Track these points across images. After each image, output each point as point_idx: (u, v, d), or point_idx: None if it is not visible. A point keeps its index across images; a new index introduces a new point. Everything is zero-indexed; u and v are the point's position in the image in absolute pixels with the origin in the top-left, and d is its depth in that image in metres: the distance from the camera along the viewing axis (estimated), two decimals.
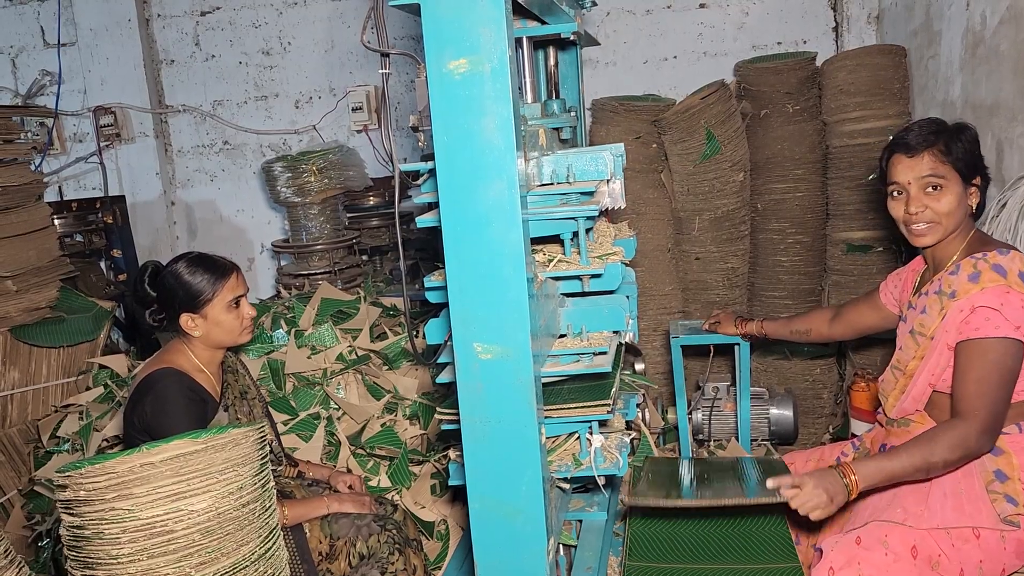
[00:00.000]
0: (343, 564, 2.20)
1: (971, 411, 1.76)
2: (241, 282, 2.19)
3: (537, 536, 1.57)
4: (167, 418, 1.98)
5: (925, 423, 1.96)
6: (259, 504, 1.43)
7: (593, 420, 1.73)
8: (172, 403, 2.00)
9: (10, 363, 3.12)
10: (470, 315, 1.50)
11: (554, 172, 1.73)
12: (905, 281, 2.15)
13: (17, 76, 4.79)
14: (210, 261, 2.16)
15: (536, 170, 1.72)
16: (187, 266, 2.13)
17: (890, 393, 2.02)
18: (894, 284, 2.21)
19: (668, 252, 3.70)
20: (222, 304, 2.12)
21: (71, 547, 1.35)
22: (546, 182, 1.74)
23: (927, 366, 1.89)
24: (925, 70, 3.39)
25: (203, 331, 2.12)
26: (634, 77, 4.34)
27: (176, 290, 2.10)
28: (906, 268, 2.18)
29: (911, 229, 1.94)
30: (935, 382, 1.90)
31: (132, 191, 4.74)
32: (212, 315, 2.11)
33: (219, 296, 2.11)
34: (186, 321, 2.11)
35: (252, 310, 2.20)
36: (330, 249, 3.94)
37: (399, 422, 2.87)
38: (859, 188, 3.53)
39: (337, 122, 4.65)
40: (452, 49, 1.40)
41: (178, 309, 2.11)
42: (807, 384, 3.50)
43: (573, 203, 1.70)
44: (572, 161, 1.74)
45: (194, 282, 2.11)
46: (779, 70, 3.58)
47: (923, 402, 1.94)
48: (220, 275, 2.13)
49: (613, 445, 1.83)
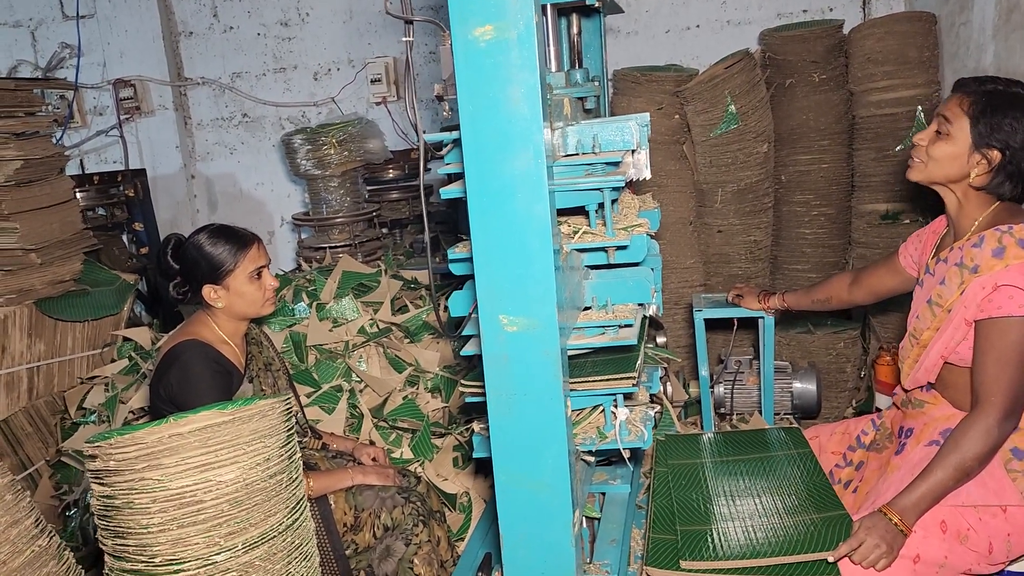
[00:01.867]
0: (368, 535, 2.22)
1: (989, 397, 1.74)
2: (263, 253, 2.18)
3: (563, 509, 1.57)
4: (193, 389, 1.99)
5: (939, 403, 1.94)
6: (286, 475, 1.44)
7: (618, 393, 1.72)
8: (197, 374, 2.01)
9: (36, 335, 3.15)
10: (496, 287, 1.48)
11: (579, 142, 1.71)
12: (925, 243, 2.10)
13: (37, 49, 4.79)
14: (232, 232, 2.15)
15: (561, 140, 1.69)
16: (209, 237, 2.13)
17: (906, 361, 2.00)
18: (914, 246, 2.16)
19: (690, 225, 3.67)
20: (244, 275, 2.12)
21: (101, 516, 1.36)
22: (571, 152, 1.72)
23: (941, 338, 1.86)
24: (956, 37, 3.31)
25: (226, 302, 2.13)
26: (656, 46, 4.28)
27: (198, 261, 2.11)
28: (927, 229, 2.13)
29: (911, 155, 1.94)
30: (947, 355, 1.87)
31: (152, 164, 4.75)
32: (234, 286, 2.12)
33: (241, 267, 2.11)
34: (209, 292, 2.11)
35: (274, 281, 2.20)
36: (350, 222, 3.94)
37: (421, 395, 2.88)
38: (886, 159, 3.47)
39: (356, 94, 4.62)
40: (478, 15, 1.37)
41: (201, 280, 2.12)
42: (830, 358, 3.47)
43: (599, 174, 1.67)
44: (598, 131, 1.71)
45: (216, 253, 2.11)
46: (805, 38, 3.52)
47: (935, 373, 1.92)
48: (242, 246, 2.13)
49: (638, 418, 1.81)
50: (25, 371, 3.11)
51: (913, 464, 1.89)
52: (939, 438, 1.88)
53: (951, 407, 1.91)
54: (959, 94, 1.85)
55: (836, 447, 2.23)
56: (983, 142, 1.80)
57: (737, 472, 2.17)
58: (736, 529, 1.88)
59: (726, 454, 2.29)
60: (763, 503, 1.98)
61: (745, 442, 2.36)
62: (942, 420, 1.90)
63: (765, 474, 2.13)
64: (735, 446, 2.34)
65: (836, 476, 2.21)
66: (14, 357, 3.06)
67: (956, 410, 1.90)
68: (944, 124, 1.84)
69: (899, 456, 1.98)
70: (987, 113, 1.79)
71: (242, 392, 2.14)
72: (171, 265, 2.15)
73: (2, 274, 3.09)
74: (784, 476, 2.09)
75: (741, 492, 2.06)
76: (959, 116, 1.82)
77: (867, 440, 2.17)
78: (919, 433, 1.94)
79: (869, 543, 1.69)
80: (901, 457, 1.97)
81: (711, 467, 2.22)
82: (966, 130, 1.81)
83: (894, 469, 1.96)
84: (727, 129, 3.42)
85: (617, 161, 1.70)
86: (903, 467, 1.93)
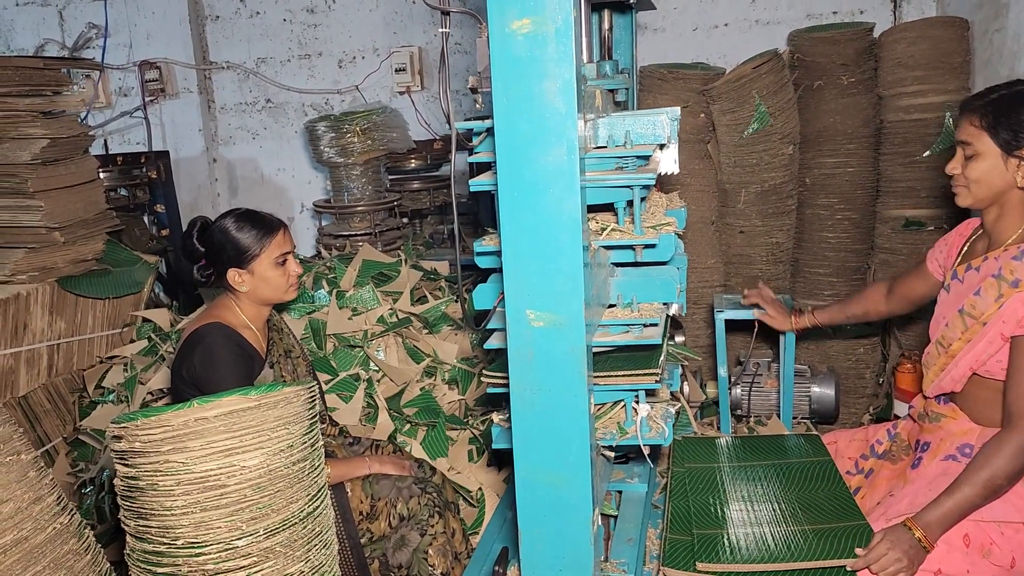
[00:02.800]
0: (383, 524, 2.22)
1: (1022, 416, 1.72)
2: (288, 239, 2.19)
3: (583, 506, 1.57)
4: (215, 372, 2.00)
5: (957, 418, 1.92)
6: (308, 463, 1.44)
7: (640, 389, 1.71)
8: (220, 357, 2.02)
9: (56, 313, 3.17)
10: (524, 282, 1.48)
11: (610, 136, 1.70)
12: (951, 246, 2.08)
13: (64, 28, 4.81)
14: (258, 217, 2.16)
15: (592, 132, 1.69)
16: (235, 221, 2.13)
17: (931, 368, 1.97)
18: (940, 250, 2.14)
19: (712, 224, 3.65)
20: (269, 260, 2.12)
21: (124, 497, 1.37)
22: (601, 144, 1.71)
23: (973, 350, 1.83)
24: (989, 44, 3.27)
25: (250, 287, 2.13)
26: (683, 44, 4.25)
27: (224, 245, 2.11)
28: (953, 232, 2.11)
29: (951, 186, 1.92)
30: (977, 367, 1.84)
31: (175, 147, 4.77)
32: (259, 271, 2.12)
33: (266, 252, 2.12)
34: (233, 276, 2.12)
35: (299, 267, 2.21)
36: (371, 211, 3.94)
37: (438, 386, 2.88)
38: (913, 165, 3.44)
39: (380, 83, 4.62)
40: (516, 8, 1.36)
41: (226, 264, 2.12)
42: (850, 363, 3.44)
43: (630, 168, 1.66)
44: (629, 124, 1.70)
45: (242, 238, 2.11)
46: (835, 40, 3.48)
47: (961, 384, 1.90)
48: (268, 231, 2.13)
49: (658, 415, 1.81)
50: (45, 348, 3.13)
51: (929, 479, 1.88)
52: (955, 452, 1.86)
53: (969, 421, 1.89)
54: (966, 115, 1.84)
55: (854, 453, 2.22)
56: (1012, 146, 1.79)
57: (755, 477, 2.16)
58: (752, 535, 1.87)
59: (744, 459, 2.28)
60: (781, 509, 1.97)
61: (764, 447, 2.35)
62: (959, 435, 1.88)
63: (783, 481, 2.12)
64: (753, 451, 2.33)
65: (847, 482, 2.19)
66: (35, 334, 3.08)
67: (974, 424, 1.88)
68: (967, 147, 1.83)
69: (915, 470, 1.96)
70: (1001, 119, 1.78)
71: (263, 378, 2.15)
72: (196, 247, 2.16)
73: (25, 252, 3.10)
74: (803, 484, 2.08)
75: (758, 498, 2.05)
76: (977, 134, 1.81)
77: (880, 449, 2.15)
78: (936, 447, 1.92)
79: (891, 555, 1.68)
80: (917, 471, 1.95)
81: (728, 471, 2.21)
82: (989, 143, 1.80)
83: (908, 482, 1.94)
84: (759, 128, 3.39)
85: (648, 155, 1.69)
86: (918, 480, 1.91)
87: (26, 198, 3.09)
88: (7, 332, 2.96)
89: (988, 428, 1.85)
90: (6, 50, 4.86)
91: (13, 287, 3.02)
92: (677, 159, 1.85)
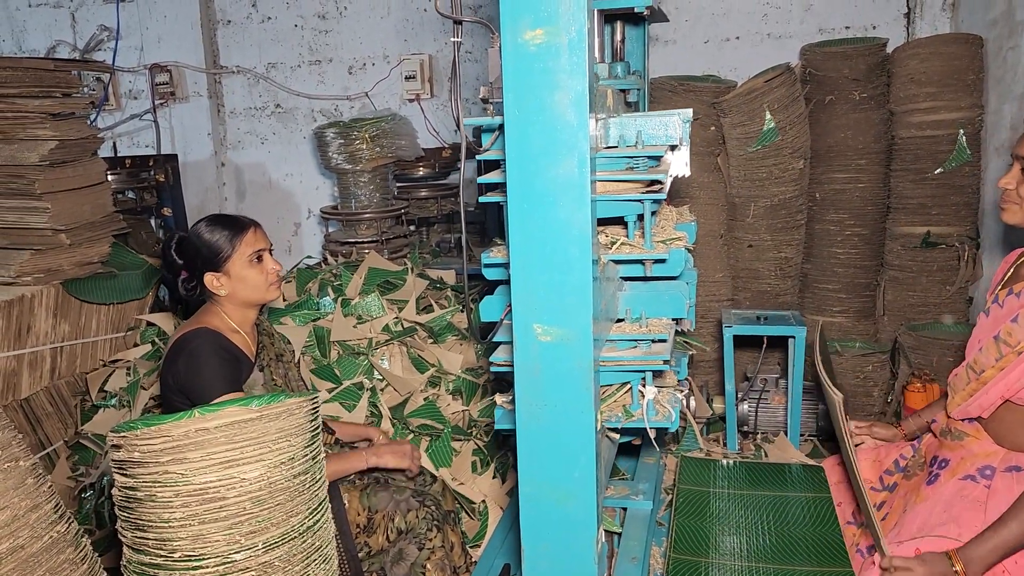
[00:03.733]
0: (380, 538, 2.19)
1: None
2: (261, 237, 2.17)
3: (587, 523, 1.54)
4: (200, 377, 1.99)
5: (980, 438, 1.89)
6: (309, 476, 1.41)
7: (647, 370, 1.69)
8: (205, 362, 2.00)
9: (61, 316, 3.15)
10: (532, 296, 1.45)
11: (621, 136, 1.68)
12: (996, 273, 2.04)
13: (76, 30, 4.81)
14: (228, 219, 2.17)
15: (603, 131, 1.66)
16: (206, 226, 2.14)
17: (959, 391, 1.93)
18: None
19: (720, 238, 3.62)
20: (242, 259, 2.11)
21: (122, 508, 1.34)
22: (612, 144, 1.69)
23: (1007, 378, 1.79)
24: (1003, 62, 3.25)
25: (229, 289, 2.12)
26: (694, 56, 4.23)
27: (199, 250, 2.12)
28: (1001, 263, 2.07)
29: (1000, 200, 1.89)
30: (1010, 395, 1.80)
31: (184, 150, 4.77)
32: (235, 271, 2.11)
33: (238, 251, 2.11)
34: (211, 280, 2.11)
35: (276, 264, 2.18)
36: (378, 218, 3.92)
37: (442, 396, 2.86)
38: (924, 181, 3.42)
39: (389, 90, 4.61)
40: (529, 18, 1.34)
41: (202, 269, 2.12)
42: (858, 380, 3.41)
43: (641, 168, 1.64)
44: (641, 125, 1.68)
45: (213, 240, 2.11)
46: (847, 55, 3.46)
47: (990, 411, 1.86)
48: (238, 231, 2.13)
49: (665, 399, 1.78)
50: (48, 351, 3.12)
51: (945, 499, 1.84)
52: (975, 473, 1.83)
53: (992, 443, 1.86)
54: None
55: (866, 473, 2.18)
56: None
57: (751, 505, 2.14)
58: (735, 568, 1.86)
59: (744, 486, 2.26)
60: (770, 544, 1.96)
61: (765, 476, 2.33)
62: (981, 456, 1.85)
63: (779, 514, 2.10)
64: (755, 479, 2.30)
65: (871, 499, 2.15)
66: (38, 337, 3.07)
67: (998, 447, 1.84)
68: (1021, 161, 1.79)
69: (930, 487, 1.93)
70: None
71: (252, 381, 2.12)
72: (175, 260, 2.16)
73: (31, 253, 3.09)
74: (797, 520, 2.06)
75: (750, 528, 2.03)
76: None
77: (904, 464, 2.12)
78: (955, 466, 1.89)
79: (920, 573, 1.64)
80: (932, 488, 1.91)
81: (726, 497, 2.19)
82: None
83: (922, 500, 1.91)
84: (767, 143, 3.37)
85: (659, 155, 1.67)
86: (932, 498, 1.88)
87: (33, 199, 3.08)
88: (10, 334, 2.95)
89: (1012, 452, 1.81)
90: (18, 51, 4.87)
91: (18, 288, 3.01)
92: (688, 162, 1.83)
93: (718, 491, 2.22)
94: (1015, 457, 1.79)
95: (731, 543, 1.97)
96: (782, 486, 2.24)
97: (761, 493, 2.20)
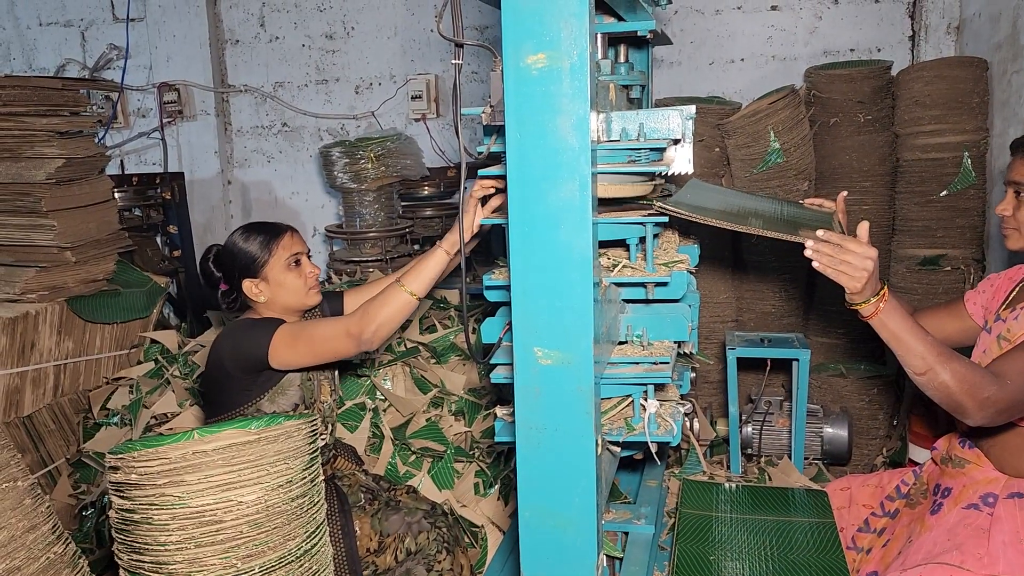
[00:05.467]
0: (389, 558, 2.17)
1: (1004, 379, 1.64)
2: (297, 241, 2.17)
3: (587, 548, 1.52)
4: (250, 332, 2.02)
5: (982, 465, 1.87)
6: (307, 499, 1.41)
7: (649, 383, 1.68)
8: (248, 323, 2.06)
9: (65, 333, 3.16)
10: (532, 318, 1.45)
11: (624, 129, 1.69)
12: (998, 288, 2.02)
13: (86, 49, 4.86)
14: (263, 225, 2.17)
15: (605, 126, 1.67)
16: (242, 234, 2.15)
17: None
18: (984, 290, 2.07)
19: (724, 260, 3.61)
20: (280, 264, 2.10)
21: (119, 530, 1.34)
22: (614, 138, 1.70)
23: None
24: (1008, 85, 3.25)
25: (268, 295, 2.11)
26: (699, 78, 4.25)
27: (236, 258, 2.11)
28: (1002, 275, 2.05)
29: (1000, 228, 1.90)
30: None
31: (190, 168, 4.79)
32: (273, 276, 2.10)
33: (275, 256, 2.10)
34: (250, 288, 2.11)
35: (315, 268, 2.17)
36: (383, 237, 3.93)
37: (444, 417, 2.85)
38: (929, 204, 3.40)
39: (395, 110, 4.63)
40: (531, 43, 1.35)
41: (240, 277, 2.11)
42: (863, 404, 3.38)
43: (643, 161, 1.64)
44: (643, 119, 1.69)
45: (249, 247, 2.11)
46: (852, 78, 3.47)
47: None
48: (273, 235, 2.13)
49: (667, 413, 1.77)
50: (52, 368, 3.12)
51: (949, 526, 1.82)
52: (978, 501, 1.81)
53: (994, 470, 1.84)
54: (1019, 155, 1.81)
55: (868, 500, 2.16)
56: None
57: (754, 530, 2.12)
58: None
59: (747, 510, 2.24)
60: (772, 570, 1.94)
61: (768, 500, 2.31)
62: (983, 483, 1.83)
63: (782, 539, 2.08)
64: (757, 503, 2.29)
65: (872, 525, 2.13)
66: (42, 354, 3.07)
67: (999, 473, 1.83)
68: (1020, 187, 1.80)
69: (934, 516, 1.91)
70: None
71: (288, 381, 2.11)
72: (213, 272, 2.16)
73: (36, 271, 3.10)
74: (800, 545, 2.04)
75: (752, 554, 2.02)
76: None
77: (906, 490, 2.10)
78: (958, 494, 1.87)
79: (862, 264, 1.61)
80: (936, 518, 1.90)
81: (728, 521, 2.18)
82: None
83: (927, 530, 1.89)
84: (771, 164, 3.37)
85: (661, 147, 1.68)
86: (936, 528, 1.86)
87: (39, 217, 3.10)
88: (14, 351, 2.96)
89: (1014, 478, 1.80)
90: (28, 69, 4.91)
91: (22, 306, 3.02)
92: (691, 159, 1.84)
93: (721, 515, 2.20)
94: (1016, 484, 1.77)
95: (733, 568, 1.96)
96: (785, 511, 2.22)
97: (764, 518, 2.19)
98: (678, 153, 1.84)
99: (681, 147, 1.81)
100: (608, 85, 1.74)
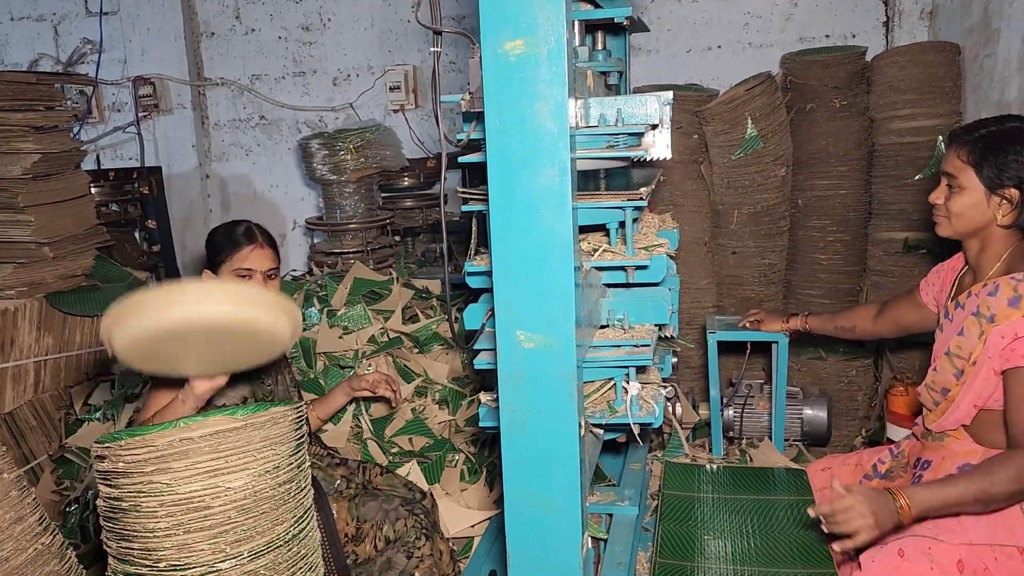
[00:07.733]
0: (368, 547, 2.19)
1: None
2: (259, 258, 2.12)
3: (572, 530, 1.55)
4: None
5: (962, 439, 1.92)
6: (295, 484, 1.42)
7: (631, 366, 1.70)
8: None
9: (45, 329, 3.14)
10: (514, 303, 1.46)
11: (602, 115, 1.71)
12: (944, 279, 2.10)
13: (59, 44, 4.81)
14: (242, 227, 2.16)
15: (583, 111, 1.69)
16: (224, 225, 2.18)
17: (931, 411, 1.97)
18: (933, 282, 2.16)
19: (704, 245, 3.65)
20: (229, 270, 2.11)
21: (107, 519, 1.34)
22: (592, 124, 1.71)
23: (971, 391, 1.83)
24: (980, 69, 3.30)
25: None
26: (676, 66, 4.27)
27: (209, 244, 2.15)
28: (946, 265, 2.13)
29: (932, 215, 1.95)
30: (981, 404, 1.84)
31: (168, 162, 4.76)
32: (224, 278, 2.11)
33: (229, 261, 2.11)
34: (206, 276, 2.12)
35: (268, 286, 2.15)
36: (363, 228, 3.93)
37: (428, 407, 2.86)
38: (905, 188, 3.45)
39: (374, 101, 4.63)
40: (509, 29, 1.36)
41: (206, 265, 2.14)
42: (842, 385, 3.44)
43: (621, 147, 1.66)
44: (621, 104, 1.71)
45: (217, 240, 2.14)
46: (827, 64, 3.50)
47: (967, 421, 1.89)
48: (244, 241, 2.12)
49: (649, 395, 1.80)
50: (32, 364, 3.10)
51: None
52: (956, 472, 1.85)
53: (972, 442, 1.89)
54: (954, 147, 1.86)
55: (849, 478, 2.20)
56: (996, 184, 1.81)
57: (735, 510, 2.16)
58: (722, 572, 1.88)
59: (729, 490, 2.28)
60: (754, 547, 1.98)
61: (749, 481, 2.35)
62: (962, 455, 1.87)
63: (763, 518, 2.12)
64: (739, 483, 2.32)
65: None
66: (22, 350, 3.05)
67: (978, 445, 1.87)
68: (951, 179, 1.84)
69: None
70: (988, 156, 1.80)
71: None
72: None
73: (14, 267, 3.08)
74: (781, 523, 2.08)
75: (735, 532, 2.05)
76: (962, 168, 1.83)
77: (883, 469, 2.14)
78: (937, 466, 1.91)
79: (859, 508, 1.60)
80: None
81: (711, 501, 2.21)
82: (974, 179, 1.82)
83: None
84: (749, 151, 3.41)
85: (639, 132, 1.70)
86: None
87: (16, 213, 3.07)
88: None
89: (991, 449, 1.84)
90: (1, 64, 4.86)
91: (1, 302, 3.00)
92: (669, 145, 1.86)
93: (703, 496, 2.24)
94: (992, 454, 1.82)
95: (716, 547, 1.99)
96: (766, 490, 2.26)
97: (746, 497, 2.23)
98: (657, 139, 1.86)
99: (659, 132, 1.83)
100: (586, 72, 1.76)
